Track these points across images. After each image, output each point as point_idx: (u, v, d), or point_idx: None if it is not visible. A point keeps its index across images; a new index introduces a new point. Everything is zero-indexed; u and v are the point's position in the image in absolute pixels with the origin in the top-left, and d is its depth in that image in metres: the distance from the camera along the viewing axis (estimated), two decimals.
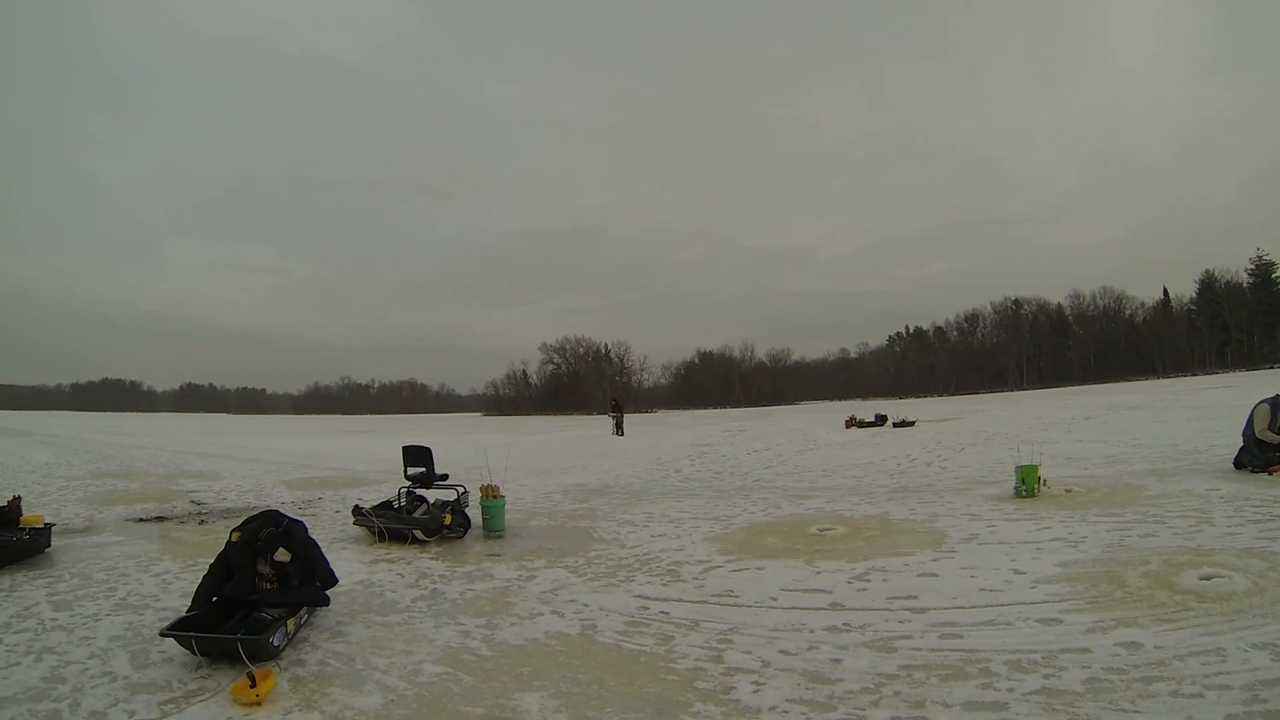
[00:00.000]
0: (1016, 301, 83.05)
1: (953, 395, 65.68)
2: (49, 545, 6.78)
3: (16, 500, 7.37)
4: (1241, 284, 70.36)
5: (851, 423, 23.69)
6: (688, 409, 68.27)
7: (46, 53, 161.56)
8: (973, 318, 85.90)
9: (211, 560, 4.54)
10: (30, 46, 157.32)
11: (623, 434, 26.17)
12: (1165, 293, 76.25)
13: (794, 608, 4.68)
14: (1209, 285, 72.14)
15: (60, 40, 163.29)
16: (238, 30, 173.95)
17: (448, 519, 7.29)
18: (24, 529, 6.75)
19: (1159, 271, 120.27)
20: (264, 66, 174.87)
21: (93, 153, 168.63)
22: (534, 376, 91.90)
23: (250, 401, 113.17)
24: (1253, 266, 69.63)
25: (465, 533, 7.48)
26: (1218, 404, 16.61)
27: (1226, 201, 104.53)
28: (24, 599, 5.27)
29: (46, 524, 7.00)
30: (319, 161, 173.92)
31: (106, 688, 3.63)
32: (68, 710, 3.38)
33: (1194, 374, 58.24)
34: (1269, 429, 8.33)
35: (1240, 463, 8.59)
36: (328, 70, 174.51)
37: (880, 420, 23.80)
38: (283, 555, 4.55)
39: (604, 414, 37.67)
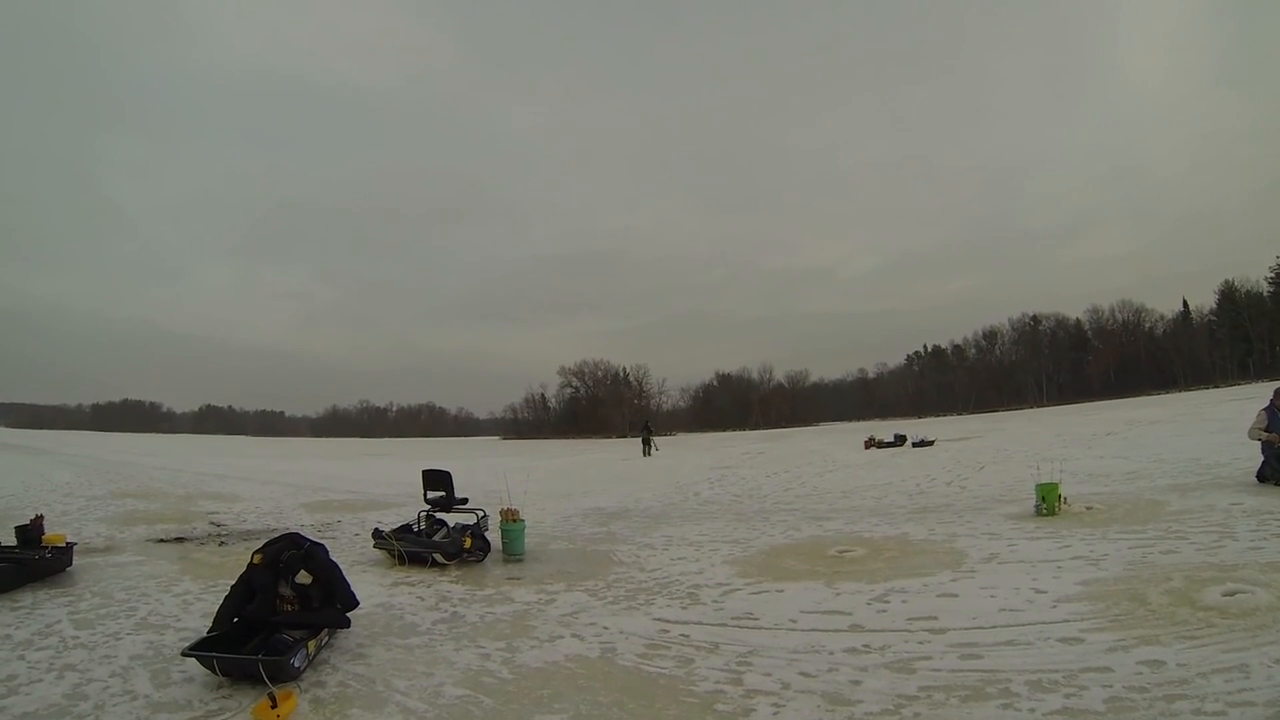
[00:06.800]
0: (1035, 318, 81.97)
1: (972, 413, 64.56)
2: (70, 564, 6.89)
3: (39, 519, 7.54)
4: (1262, 293, 68.95)
5: (870, 443, 23.47)
6: (706, 431, 67.71)
7: (78, 80, 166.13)
8: (991, 335, 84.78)
9: (232, 581, 4.61)
10: (63, 74, 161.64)
11: (650, 454, 27.87)
12: (1185, 304, 74.90)
13: (813, 629, 4.67)
14: (1229, 295, 70.70)
15: (91, 68, 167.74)
16: (270, 60, 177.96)
17: (467, 542, 7.32)
18: (46, 548, 6.89)
19: (1177, 283, 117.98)
20: (296, 95, 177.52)
21: (121, 177, 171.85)
22: (552, 400, 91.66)
23: (268, 424, 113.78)
24: (1273, 275, 68.28)
25: (485, 556, 7.50)
26: (1240, 416, 16.27)
27: (1240, 213, 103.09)
28: (46, 617, 5.35)
29: (68, 543, 7.14)
30: (345, 187, 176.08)
31: (128, 706, 3.68)
32: None
33: (1216, 386, 57.19)
34: (1261, 429, 8.53)
35: (1263, 476, 8.46)
36: (357, 99, 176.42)
37: (899, 440, 23.54)
38: (304, 577, 4.61)
39: (623, 437, 38.25)
